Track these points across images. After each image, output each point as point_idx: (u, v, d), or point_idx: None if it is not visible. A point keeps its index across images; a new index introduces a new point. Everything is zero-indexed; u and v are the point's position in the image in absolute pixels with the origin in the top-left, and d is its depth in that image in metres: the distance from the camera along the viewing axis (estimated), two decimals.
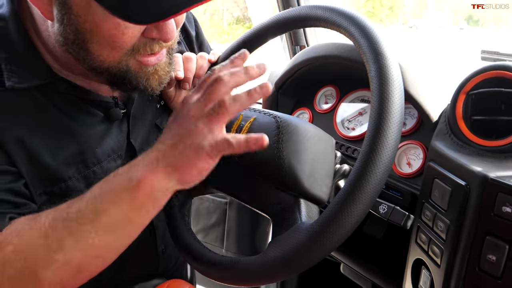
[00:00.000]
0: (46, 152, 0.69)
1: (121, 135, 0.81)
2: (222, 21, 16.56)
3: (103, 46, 0.62)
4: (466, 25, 21.19)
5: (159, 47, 0.67)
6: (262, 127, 0.69)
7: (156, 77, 0.71)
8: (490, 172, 0.58)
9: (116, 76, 0.67)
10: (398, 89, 0.57)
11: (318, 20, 0.71)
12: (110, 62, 0.65)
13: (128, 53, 0.65)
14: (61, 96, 0.72)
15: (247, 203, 0.72)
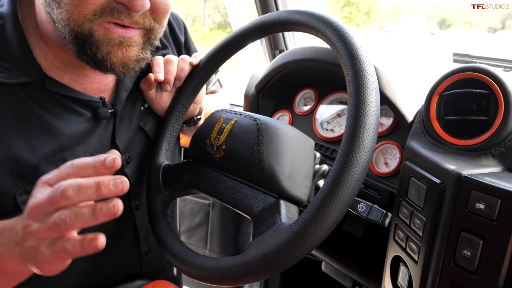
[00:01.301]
0: (26, 148, 0.69)
1: (106, 135, 0.81)
2: (203, 27, 16.55)
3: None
4: (437, 29, 21.75)
5: (129, 20, 0.66)
6: (243, 130, 0.70)
7: (119, 53, 0.68)
8: (464, 170, 0.60)
9: (77, 38, 0.65)
10: (374, 92, 0.59)
11: (297, 25, 0.72)
12: (75, 20, 0.64)
13: (94, 15, 0.64)
14: (46, 94, 0.71)
15: (228, 204, 0.72)
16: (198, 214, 1.55)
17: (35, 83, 0.70)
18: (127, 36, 0.68)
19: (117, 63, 0.69)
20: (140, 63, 0.73)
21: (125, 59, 0.69)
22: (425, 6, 30.46)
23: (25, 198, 0.69)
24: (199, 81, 0.89)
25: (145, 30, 0.71)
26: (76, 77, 0.75)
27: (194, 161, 0.81)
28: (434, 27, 22.45)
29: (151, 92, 0.87)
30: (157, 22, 0.71)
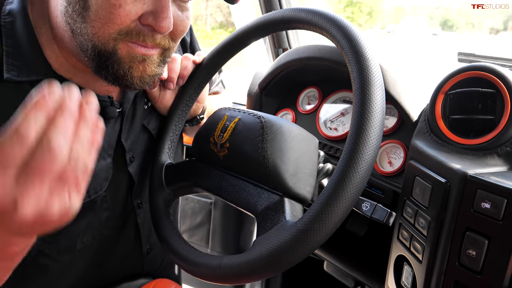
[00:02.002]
0: None
1: (113, 134, 0.81)
2: (205, 26, 16.56)
3: (98, 16, 0.62)
4: (440, 30, 21.73)
5: (152, 42, 0.67)
6: (246, 127, 0.70)
7: (141, 68, 0.69)
8: (469, 170, 0.60)
9: (100, 55, 0.66)
10: (380, 90, 0.58)
11: (301, 22, 0.72)
12: (99, 37, 0.64)
13: (120, 35, 0.64)
14: None
15: (232, 203, 0.72)
16: (199, 213, 1.55)
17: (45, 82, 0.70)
18: (148, 54, 0.69)
19: (136, 77, 0.70)
20: (154, 78, 0.74)
21: (144, 73, 0.70)
22: (427, 7, 30.41)
23: None
24: (202, 79, 0.89)
25: (163, 49, 0.71)
26: (85, 80, 0.75)
27: (197, 160, 0.81)
28: (436, 28, 22.46)
29: (154, 91, 0.87)
30: (174, 41, 0.72)
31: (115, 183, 0.82)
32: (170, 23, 0.65)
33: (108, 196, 0.81)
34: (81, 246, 0.79)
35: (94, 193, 0.77)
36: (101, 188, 0.78)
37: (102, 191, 0.78)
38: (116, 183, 0.83)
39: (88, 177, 0.49)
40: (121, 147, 0.83)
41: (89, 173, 0.50)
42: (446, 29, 25.29)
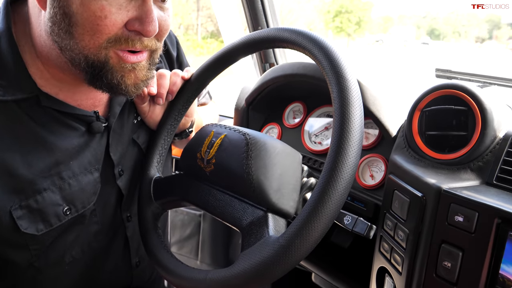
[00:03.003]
0: (22, 164, 0.70)
1: (99, 148, 0.82)
2: (196, 35, 16.63)
3: (86, 29, 0.64)
4: (429, 39, 22.02)
5: (141, 45, 0.69)
6: (232, 144, 0.72)
7: (133, 75, 0.72)
8: (443, 184, 0.63)
9: (93, 66, 0.68)
10: (358, 110, 0.61)
11: (285, 42, 0.75)
12: (90, 49, 0.66)
13: (109, 43, 0.66)
14: (41, 110, 0.73)
15: (218, 217, 0.74)
16: (189, 225, 1.56)
17: (30, 99, 0.71)
18: (138, 61, 0.71)
19: (130, 85, 0.72)
20: (147, 82, 0.76)
21: (137, 80, 0.73)
22: (415, 16, 30.83)
23: (21, 214, 0.70)
24: (190, 95, 0.91)
25: (150, 51, 0.74)
26: (71, 94, 0.76)
27: (184, 174, 0.83)
28: (425, 37, 22.76)
29: (144, 106, 0.89)
30: (160, 41, 0.75)
31: (104, 197, 0.84)
32: (155, 26, 0.67)
33: (97, 209, 0.82)
34: (70, 260, 0.80)
35: (82, 208, 0.78)
36: (89, 202, 0.79)
37: (90, 205, 0.80)
38: (105, 197, 0.84)
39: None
40: (109, 161, 0.84)
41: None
42: (433, 38, 25.64)
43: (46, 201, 0.72)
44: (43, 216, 0.72)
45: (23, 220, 0.70)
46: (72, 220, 0.77)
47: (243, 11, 1.39)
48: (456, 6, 30.96)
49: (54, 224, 0.74)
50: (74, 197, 0.76)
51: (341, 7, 19.84)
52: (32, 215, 0.71)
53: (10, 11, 0.71)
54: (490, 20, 30.00)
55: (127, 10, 0.65)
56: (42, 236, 0.73)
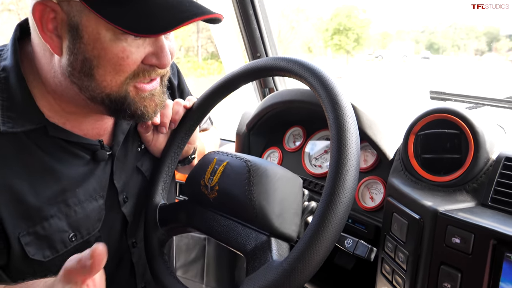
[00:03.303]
0: (30, 191, 0.73)
1: (104, 176, 0.85)
2: (197, 57, 16.87)
3: (108, 71, 0.69)
4: (429, 54, 22.14)
5: (155, 74, 0.75)
6: (234, 171, 0.74)
7: (153, 104, 0.78)
8: (440, 206, 0.65)
9: (116, 102, 0.73)
10: (354, 136, 0.64)
11: (282, 71, 0.78)
12: (112, 87, 0.71)
13: (129, 79, 0.71)
14: (49, 140, 0.76)
15: (223, 242, 0.76)
16: (194, 249, 1.57)
17: (39, 130, 0.75)
18: (153, 89, 0.77)
19: (152, 112, 0.78)
20: (163, 105, 0.82)
21: (156, 107, 0.79)
22: (413, 31, 31.13)
23: (28, 240, 0.72)
24: (193, 123, 0.94)
25: (160, 77, 0.79)
26: (78, 124, 0.80)
27: (189, 201, 0.85)
28: (425, 52, 22.93)
29: (148, 135, 0.92)
30: (167, 66, 0.79)
31: (109, 224, 0.86)
32: (169, 58, 0.73)
33: (103, 236, 0.84)
34: None
35: (87, 234, 0.80)
36: (94, 228, 0.81)
37: (95, 231, 0.82)
38: (110, 224, 0.86)
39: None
40: (114, 188, 0.87)
41: None
42: (433, 52, 25.75)
43: (53, 228, 0.75)
44: (49, 243, 0.75)
45: (30, 247, 0.72)
46: (78, 247, 0.79)
47: (242, 38, 1.44)
48: (454, 20, 31.30)
49: (60, 250, 0.76)
50: (80, 224, 0.79)
51: (339, 25, 20.10)
52: (39, 242, 0.73)
53: (18, 48, 0.75)
54: (488, 33, 30.22)
55: (144, 47, 0.70)
56: (49, 262, 0.75)
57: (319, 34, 21.97)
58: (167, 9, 0.65)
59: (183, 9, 0.67)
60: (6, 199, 0.70)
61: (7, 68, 0.74)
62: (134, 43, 0.68)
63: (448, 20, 33.62)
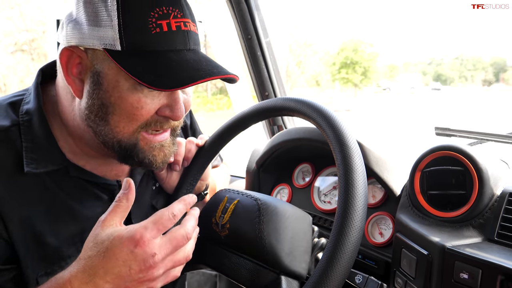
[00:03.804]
0: (50, 232, 0.75)
1: None
2: (206, 92, 17.18)
3: (122, 117, 0.72)
4: (440, 85, 22.15)
5: (167, 126, 0.78)
6: (245, 209, 0.77)
7: (162, 154, 0.80)
8: (447, 242, 0.66)
9: (126, 148, 0.76)
10: (361, 175, 0.66)
11: (291, 111, 0.82)
12: (124, 134, 0.74)
13: (141, 127, 0.74)
14: (69, 180, 0.79)
15: (233, 279, 0.77)
16: (205, 286, 1.57)
17: (60, 170, 0.78)
18: (163, 140, 0.79)
19: (160, 162, 0.80)
20: (172, 155, 0.84)
21: (165, 157, 0.81)
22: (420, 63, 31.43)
23: (46, 280, 0.74)
24: (205, 160, 0.97)
25: (172, 128, 0.82)
26: (97, 166, 0.84)
27: (200, 237, 0.87)
28: (435, 83, 22.96)
29: (162, 172, 0.95)
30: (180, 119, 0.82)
31: None
32: (183, 111, 0.76)
33: None
34: None
35: None
36: None
37: None
38: None
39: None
40: None
41: None
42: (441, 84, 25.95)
43: None
44: None
45: None
46: None
47: (250, 76, 1.49)
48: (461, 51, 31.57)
49: None
50: None
51: (346, 59, 20.45)
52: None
53: (40, 92, 0.80)
54: (495, 63, 30.46)
55: (159, 99, 0.73)
56: None
57: (326, 68, 22.32)
58: (184, 67, 0.69)
59: (199, 67, 0.70)
60: (27, 240, 0.73)
61: (30, 111, 0.78)
62: (149, 94, 0.72)
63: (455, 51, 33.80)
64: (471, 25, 43.19)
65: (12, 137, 0.75)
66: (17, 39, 18.17)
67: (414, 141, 1.34)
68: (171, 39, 0.69)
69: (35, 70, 0.85)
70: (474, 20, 32.30)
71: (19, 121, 0.77)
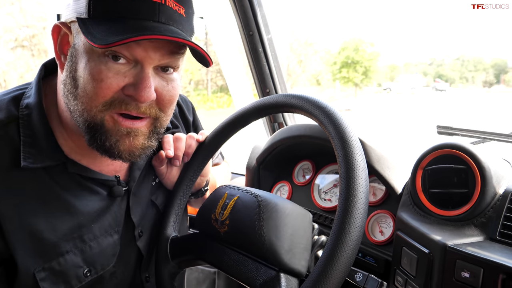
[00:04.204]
0: (47, 228, 0.74)
1: (119, 211, 0.86)
2: (206, 90, 17.21)
3: (86, 92, 0.70)
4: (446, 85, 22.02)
5: (137, 111, 0.73)
6: (245, 206, 0.76)
7: (127, 142, 0.75)
8: (449, 241, 0.65)
9: (90, 128, 0.73)
10: (363, 173, 0.65)
11: (293, 108, 0.81)
12: (88, 111, 0.72)
13: (104, 106, 0.72)
14: (67, 176, 0.78)
15: (232, 276, 0.76)
16: (204, 283, 1.56)
17: (58, 166, 0.77)
18: (134, 127, 0.75)
19: (124, 151, 0.76)
20: (146, 151, 0.80)
21: (132, 147, 0.76)
22: (420, 64, 31.43)
23: (43, 276, 0.73)
24: (205, 156, 0.96)
25: (151, 119, 0.78)
26: (92, 160, 0.82)
27: (200, 234, 0.86)
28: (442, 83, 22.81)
29: (162, 168, 0.94)
30: (162, 111, 0.79)
31: (125, 259, 0.87)
32: (149, 92, 0.72)
33: (118, 272, 0.85)
34: None
35: (102, 269, 0.81)
36: (108, 264, 0.82)
37: (109, 267, 0.83)
38: (125, 259, 0.87)
39: None
40: (129, 223, 0.88)
41: None
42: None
43: (68, 263, 0.76)
44: (64, 278, 0.75)
45: (45, 282, 0.73)
46: (92, 282, 0.80)
47: (251, 74, 1.49)
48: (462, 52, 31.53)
49: (75, 285, 0.77)
50: (95, 259, 0.80)
51: (347, 58, 20.44)
52: (54, 277, 0.74)
53: (41, 86, 0.79)
54: (496, 65, 30.45)
55: (124, 76, 0.71)
56: None
57: (327, 67, 22.30)
58: (137, 30, 0.66)
59: (154, 29, 0.67)
60: (24, 236, 0.72)
61: (30, 106, 0.77)
62: (113, 68, 0.69)
63: (456, 52, 33.79)
64: (472, 25, 43.22)
65: (10, 132, 0.74)
66: (18, 35, 18.16)
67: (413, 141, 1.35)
68: (136, 7, 0.68)
69: (35, 66, 0.84)
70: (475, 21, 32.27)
71: (19, 115, 0.76)
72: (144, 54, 0.70)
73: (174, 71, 0.76)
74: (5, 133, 0.74)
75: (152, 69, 0.73)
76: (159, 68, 0.74)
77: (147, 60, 0.70)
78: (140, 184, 0.92)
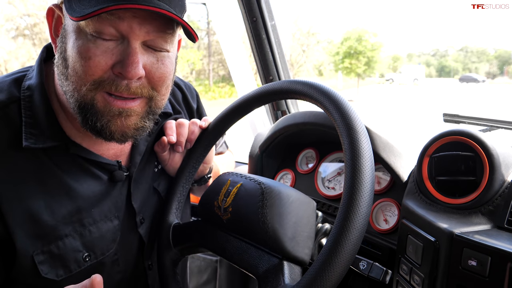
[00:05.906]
0: (45, 210, 0.74)
1: (120, 197, 0.86)
2: (208, 80, 17.17)
3: (75, 71, 0.69)
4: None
5: (127, 91, 0.72)
6: (248, 193, 0.75)
7: (119, 122, 0.73)
8: (455, 229, 0.64)
9: (81, 108, 0.72)
10: (369, 161, 0.64)
11: (297, 94, 0.79)
12: (78, 90, 0.71)
13: (94, 85, 0.70)
14: (67, 158, 0.77)
15: (235, 264, 0.76)
16: (205, 271, 1.56)
17: (59, 147, 0.76)
18: (126, 107, 0.74)
19: (116, 131, 0.74)
20: (140, 132, 0.78)
21: (124, 128, 0.75)
22: (423, 55, 31.25)
23: (42, 259, 0.73)
24: (208, 143, 0.95)
25: (145, 99, 0.76)
26: (92, 143, 0.81)
27: (202, 221, 0.86)
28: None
29: (164, 154, 0.93)
30: (156, 90, 0.77)
31: (126, 246, 0.86)
32: (137, 68, 0.70)
33: (120, 259, 0.85)
34: None
35: (102, 254, 0.80)
36: (108, 249, 0.82)
37: (110, 252, 0.82)
38: (127, 245, 0.87)
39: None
40: (130, 209, 0.88)
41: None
42: (444, 75, 25.86)
43: (67, 247, 0.75)
44: (63, 262, 0.75)
45: (44, 265, 0.73)
46: (92, 267, 0.79)
47: (254, 61, 1.47)
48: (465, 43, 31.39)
49: (74, 270, 0.76)
50: (94, 244, 0.79)
51: (349, 49, 20.32)
52: (53, 261, 0.74)
53: (43, 67, 0.79)
54: (499, 56, 30.26)
55: (112, 53, 0.69)
56: (62, 282, 0.75)
57: (329, 57, 22.18)
58: (118, 3, 0.64)
59: (133, 1, 0.64)
60: (22, 217, 0.71)
61: (32, 87, 0.77)
62: (101, 45, 0.68)
63: (459, 43, 33.66)
64: (476, 16, 42.86)
65: (10, 113, 0.74)
66: (19, 24, 18.07)
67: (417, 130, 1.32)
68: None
69: (36, 55, 0.83)
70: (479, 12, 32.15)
71: (20, 97, 0.76)
72: (128, 29, 0.68)
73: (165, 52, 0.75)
74: (4, 114, 0.74)
75: (142, 46, 0.71)
76: (150, 47, 0.72)
77: (132, 35, 0.69)
78: (141, 170, 0.91)
